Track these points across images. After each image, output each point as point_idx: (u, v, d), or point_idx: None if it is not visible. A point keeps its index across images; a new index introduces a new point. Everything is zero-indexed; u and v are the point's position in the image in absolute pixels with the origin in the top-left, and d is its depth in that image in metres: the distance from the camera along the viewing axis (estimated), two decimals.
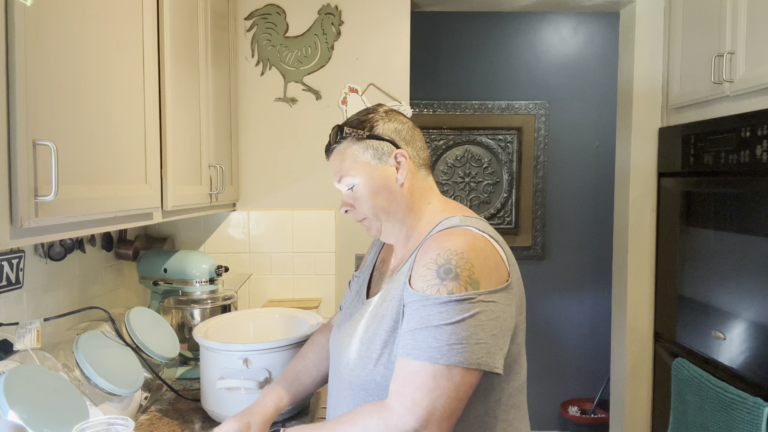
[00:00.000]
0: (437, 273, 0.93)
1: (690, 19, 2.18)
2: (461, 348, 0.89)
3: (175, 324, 1.83)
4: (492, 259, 0.97)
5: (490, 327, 0.91)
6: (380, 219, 1.10)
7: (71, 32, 1.00)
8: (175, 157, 1.48)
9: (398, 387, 0.90)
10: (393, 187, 1.09)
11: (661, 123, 2.40)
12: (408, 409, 0.88)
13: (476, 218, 1.07)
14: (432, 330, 0.90)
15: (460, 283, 0.91)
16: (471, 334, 0.89)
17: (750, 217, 1.77)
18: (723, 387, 1.80)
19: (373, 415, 0.91)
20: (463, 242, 0.96)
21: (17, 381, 1.07)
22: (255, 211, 2.28)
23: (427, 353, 0.89)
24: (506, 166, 3.46)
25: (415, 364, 0.90)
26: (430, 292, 0.92)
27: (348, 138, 1.10)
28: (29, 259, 1.46)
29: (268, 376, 1.41)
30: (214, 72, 1.87)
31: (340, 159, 1.11)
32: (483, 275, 0.93)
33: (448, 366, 0.88)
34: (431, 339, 0.89)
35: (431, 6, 2.50)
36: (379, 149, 1.09)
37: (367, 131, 1.10)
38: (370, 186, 1.09)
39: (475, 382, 0.91)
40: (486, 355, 0.90)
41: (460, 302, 0.90)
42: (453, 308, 0.90)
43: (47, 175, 0.89)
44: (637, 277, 2.43)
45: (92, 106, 1.07)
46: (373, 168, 1.09)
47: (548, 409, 3.51)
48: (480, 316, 0.91)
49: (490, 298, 0.93)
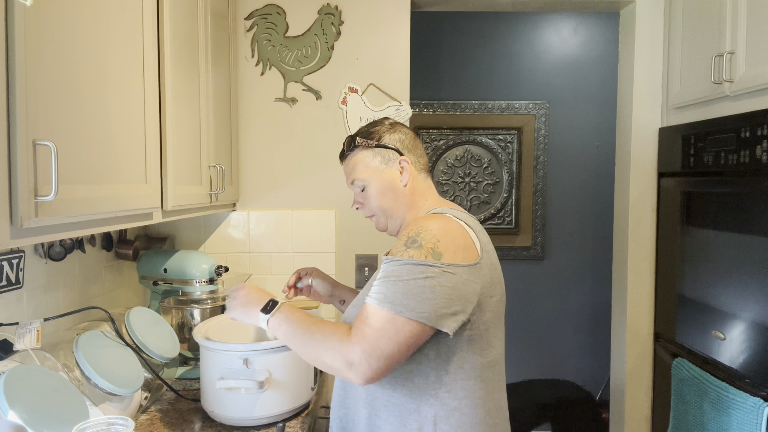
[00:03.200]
0: (405, 243, 1.11)
1: (690, 19, 2.18)
2: (407, 301, 1.04)
3: (175, 324, 1.83)
4: (460, 240, 1.12)
5: (443, 292, 1.05)
6: (386, 215, 1.28)
7: (71, 32, 1.00)
8: (175, 157, 1.48)
9: (357, 322, 1.07)
10: (397, 188, 1.27)
11: (661, 123, 2.40)
12: (358, 340, 1.05)
13: (461, 211, 1.23)
14: (388, 282, 1.07)
15: (421, 251, 1.08)
16: (420, 292, 1.04)
17: (750, 217, 1.77)
18: (723, 387, 1.80)
19: (337, 333, 1.08)
20: (436, 223, 1.13)
21: (17, 381, 1.07)
22: (255, 211, 2.28)
23: (379, 299, 1.06)
24: (506, 166, 3.46)
25: (371, 308, 1.07)
26: (396, 254, 1.10)
27: (359, 146, 1.29)
28: (29, 259, 1.46)
29: (268, 376, 1.41)
30: (214, 72, 1.87)
31: (353, 164, 1.30)
32: (448, 250, 1.09)
33: (394, 314, 1.04)
34: (385, 289, 1.06)
35: (431, 6, 2.50)
36: (386, 156, 1.28)
37: (375, 141, 1.28)
38: (378, 187, 1.27)
39: (417, 334, 1.05)
40: (432, 312, 1.04)
41: (417, 265, 1.06)
42: (410, 269, 1.06)
43: (47, 175, 0.89)
44: (637, 277, 2.43)
45: (92, 106, 1.07)
46: (381, 172, 1.27)
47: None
48: (433, 281, 1.05)
49: (450, 270, 1.07)
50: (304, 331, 1.12)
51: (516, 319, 3.44)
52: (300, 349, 1.13)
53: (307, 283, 1.51)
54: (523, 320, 3.48)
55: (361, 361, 1.04)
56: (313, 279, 1.51)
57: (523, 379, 3.41)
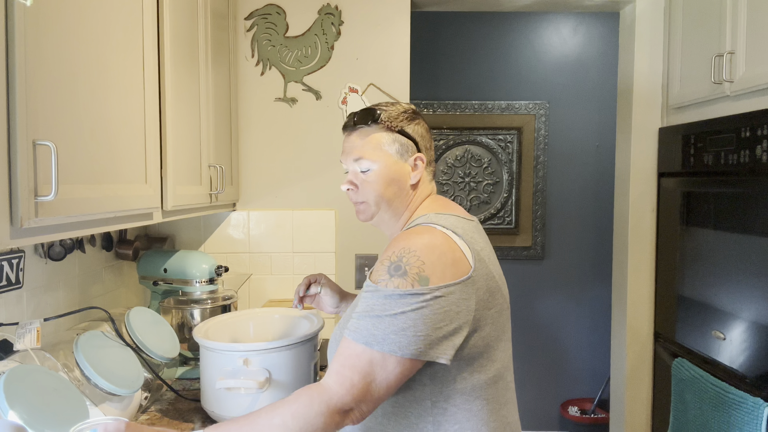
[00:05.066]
0: (388, 269, 1.00)
1: (690, 19, 2.18)
2: (397, 338, 0.95)
3: (175, 324, 1.83)
4: (448, 256, 1.01)
5: (434, 319, 0.96)
6: (380, 207, 1.16)
7: (71, 32, 1.00)
8: (175, 157, 1.48)
9: (339, 367, 0.97)
10: (404, 184, 1.16)
11: (661, 123, 2.40)
12: (347, 390, 0.94)
13: (452, 214, 1.12)
14: (373, 318, 0.97)
15: (406, 280, 0.97)
16: (410, 326, 0.95)
17: (750, 217, 1.77)
18: (723, 387, 1.80)
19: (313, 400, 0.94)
20: (420, 240, 1.02)
21: (17, 381, 1.07)
22: (255, 211, 2.28)
23: (365, 338, 0.96)
24: (506, 166, 3.46)
25: (356, 347, 0.97)
26: (379, 285, 0.99)
27: (380, 124, 1.15)
28: (29, 259, 1.46)
29: (268, 376, 1.41)
30: (214, 72, 1.87)
31: (363, 140, 1.15)
32: (435, 271, 0.98)
33: (383, 354, 0.95)
34: (371, 326, 0.96)
35: (431, 6, 2.50)
36: (405, 146, 1.16)
37: (401, 125, 1.16)
38: (384, 175, 1.14)
39: (410, 369, 0.97)
40: (425, 346, 0.96)
41: (403, 296, 0.96)
42: (396, 302, 0.96)
43: (47, 175, 0.89)
44: (637, 277, 2.43)
45: (92, 106, 1.07)
46: (394, 161, 1.15)
47: (548, 409, 3.51)
48: (423, 311, 0.96)
49: (440, 292, 0.97)
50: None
51: (515, 319, 3.44)
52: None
53: (316, 291, 1.41)
54: (523, 320, 3.48)
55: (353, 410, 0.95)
56: (322, 287, 1.42)
57: (522, 380, 3.41)
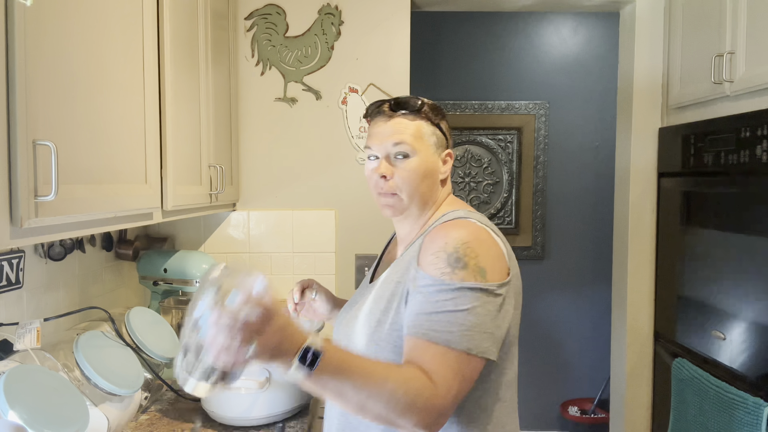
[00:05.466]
0: (447, 260, 0.96)
1: (690, 19, 2.18)
2: (471, 335, 0.92)
3: (175, 324, 1.83)
4: (494, 250, 1.01)
5: (494, 317, 0.95)
6: (413, 201, 1.10)
7: (71, 32, 1.00)
8: (175, 157, 1.48)
9: (436, 367, 0.90)
10: (436, 179, 1.13)
11: (661, 123, 2.39)
12: (447, 391, 0.89)
13: (479, 214, 1.12)
14: (447, 315, 0.92)
15: (469, 272, 0.95)
16: (480, 322, 0.93)
17: (750, 217, 1.77)
18: (723, 387, 1.79)
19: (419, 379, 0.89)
20: (467, 233, 1.00)
21: (17, 381, 1.07)
22: (255, 211, 2.28)
23: (444, 336, 0.91)
24: (506, 166, 3.46)
25: (437, 347, 0.91)
26: (444, 278, 0.95)
27: (423, 114, 1.11)
28: (29, 259, 1.46)
29: (268, 376, 1.41)
30: (214, 72, 1.87)
31: (409, 126, 1.10)
32: (488, 264, 0.97)
33: (461, 352, 0.91)
34: (446, 323, 0.92)
35: (431, 6, 2.50)
36: (440, 140, 1.13)
37: (438, 119, 1.13)
38: (423, 167, 1.09)
39: (479, 370, 0.95)
40: (491, 344, 0.94)
41: (472, 290, 0.94)
42: (465, 296, 0.93)
43: (47, 175, 0.89)
44: (637, 277, 2.43)
45: (92, 106, 1.07)
46: (432, 153, 1.11)
47: (548, 409, 3.51)
48: (488, 306, 0.94)
49: (499, 290, 0.97)
50: (370, 390, 0.86)
51: None
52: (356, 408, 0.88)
53: (311, 296, 1.33)
54: (523, 320, 3.46)
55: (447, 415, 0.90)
56: (317, 293, 1.34)
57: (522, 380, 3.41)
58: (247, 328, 0.76)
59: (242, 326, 0.76)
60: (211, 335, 0.77)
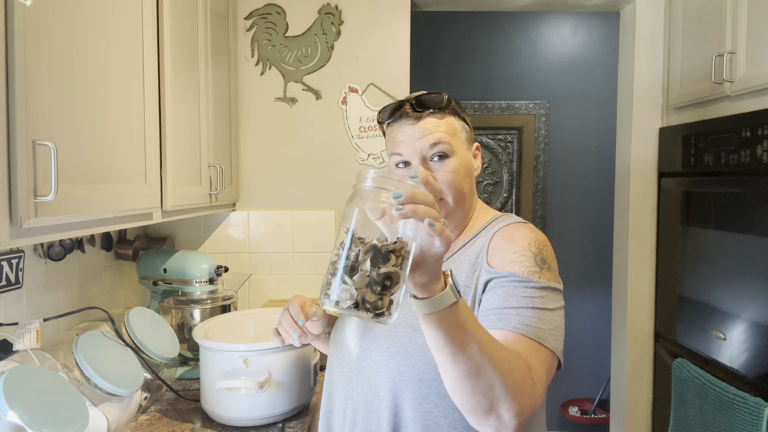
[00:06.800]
0: (535, 260, 0.94)
1: (690, 18, 2.18)
2: (556, 336, 0.90)
3: (175, 324, 1.83)
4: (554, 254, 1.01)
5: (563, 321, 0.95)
6: (459, 205, 1.03)
7: (71, 32, 1.00)
8: (174, 157, 1.48)
9: (532, 362, 0.84)
10: (473, 177, 1.06)
11: (662, 123, 2.39)
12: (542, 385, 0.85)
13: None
14: (536, 311, 0.89)
15: (553, 274, 0.95)
16: (561, 324, 0.93)
17: (750, 217, 1.77)
18: (723, 387, 1.79)
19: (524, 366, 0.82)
20: (544, 237, 1.00)
21: (17, 381, 1.06)
22: (255, 211, 2.28)
23: (535, 333, 0.88)
24: (506, 166, 3.46)
25: (531, 342, 0.87)
26: (533, 276, 0.92)
27: (451, 109, 1.04)
28: (29, 259, 1.46)
29: (268, 376, 1.41)
30: (214, 72, 1.87)
31: (438, 126, 1.01)
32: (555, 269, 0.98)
33: (549, 350, 0.88)
34: (536, 320, 0.89)
35: (431, 6, 2.50)
36: (470, 135, 1.07)
37: (463, 113, 1.07)
38: (464, 166, 1.02)
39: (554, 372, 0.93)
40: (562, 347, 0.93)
41: (555, 291, 0.93)
42: (551, 295, 0.92)
43: (47, 175, 0.89)
44: (637, 277, 2.43)
45: (92, 106, 1.07)
46: (466, 150, 1.04)
47: (548, 409, 3.51)
48: (563, 311, 0.95)
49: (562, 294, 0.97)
50: (492, 353, 0.76)
51: None
52: (472, 369, 0.74)
53: (312, 316, 1.12)
54: None
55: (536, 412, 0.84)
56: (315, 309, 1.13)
57: None
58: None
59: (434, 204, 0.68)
60: (408, 194, 0.67)
